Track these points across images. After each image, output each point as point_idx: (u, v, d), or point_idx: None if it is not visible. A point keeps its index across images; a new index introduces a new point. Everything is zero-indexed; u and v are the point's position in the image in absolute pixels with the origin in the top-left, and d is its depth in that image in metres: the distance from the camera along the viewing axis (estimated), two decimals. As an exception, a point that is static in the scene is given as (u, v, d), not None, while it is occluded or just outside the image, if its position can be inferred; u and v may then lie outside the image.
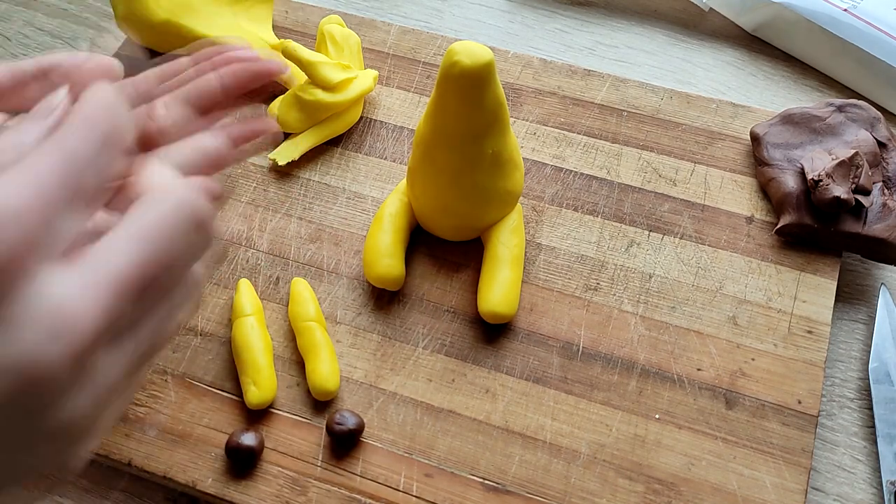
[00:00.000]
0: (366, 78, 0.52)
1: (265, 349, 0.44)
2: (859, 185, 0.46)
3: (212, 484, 0.42)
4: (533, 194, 0.50)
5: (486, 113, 0.41)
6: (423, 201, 0.46)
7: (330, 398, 0.44)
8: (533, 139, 0.52)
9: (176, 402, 0.44)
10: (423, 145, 0.44)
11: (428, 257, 0.48)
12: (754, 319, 0.46)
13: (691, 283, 0.47)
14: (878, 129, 0.49)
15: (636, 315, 0.46)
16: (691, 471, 0.41)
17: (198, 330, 0.46)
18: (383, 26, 0.58)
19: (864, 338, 0.48)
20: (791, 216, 0.47)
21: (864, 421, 0.45)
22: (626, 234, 0.49)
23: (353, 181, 0.51)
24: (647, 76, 0.59)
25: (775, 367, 0.44)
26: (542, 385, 0.44)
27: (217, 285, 0.48)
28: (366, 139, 0.53)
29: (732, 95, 0.58)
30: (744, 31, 0.61)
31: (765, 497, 0.41)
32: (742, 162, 0.51)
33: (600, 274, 0.47)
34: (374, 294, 0.47)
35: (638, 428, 0.43)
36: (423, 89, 0.55)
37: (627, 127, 0.53)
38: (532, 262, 0.48)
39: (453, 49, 0.39)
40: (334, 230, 0.49)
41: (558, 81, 0.55)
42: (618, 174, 0.51)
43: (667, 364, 0.44)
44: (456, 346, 0.45)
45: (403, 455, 0.42)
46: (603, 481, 0.41)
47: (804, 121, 0.50)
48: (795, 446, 0.42)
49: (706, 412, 0.43)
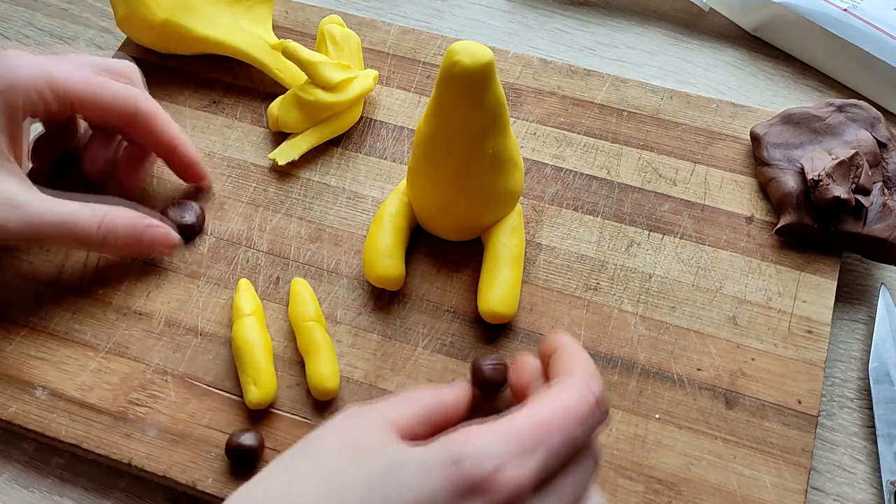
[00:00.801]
0: (366, 78, 0.52)
1: (265, 349, 0.44)
2: (859, 185, 0.46)
3: (212, 484, 0.42)
4: (533, 194, 0.50)
5: (486, 113, 0.41)
6: (423, 201, 0.46)
7: (330, 398, 0.44)
8: (533, 139, 0.52)
9: (176, 402, 0.44)
10: (423, 145, 0.44)
11: (428, 257, 0.48)
12: (754, 319, 0.46)
13: (691, 283, 0.47)
14: (878, 129, 0.49)
15: (636, 315, 0.46)
16: (691, 471, 0.42)
17: (198, 330, 0.46)
18: (383, 26, 0.58)
19: (864, 338, 0.48)
20: (791, 216, 0.47)
21: (864, 421, 0.45)
22: (626, 234, 0.49)
23: (353, 181, 0.51)
24: (647, 76, 0.59)
25: (775, 367, 0.44)
26: (542, 385, 0.44)
27: (217, 285, 0.48)
28: (366, 139, 0.53)
29: (732, 95, 0.58)
30: (744, 31, 0.61)
31: (765, 497, 0.41)
32: (742, 162, 0.51)
33: (600, 274, 0.47)
34: (374, 294, 0.47)
35: (638, 428, 0.43)
36: (423, 89, 0.55)
37: (627, 127, 0.53)
38: (532, 262, 0.48)
39: (453, 49, 0.39)
40: (334, 230, 0.49)
41: (558, 81, 0.55)
42: (618, 174, 0.51)
43: (667, 364, 0.44)
44: (456, 346, 0.45)
45: (403, 455, 0.42)
46: (603, 481, 0.41)
47: (804, 121, 0.50)
48: (795, 446, 0.42)
49: (706, 412, 0.43)
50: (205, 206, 0.50)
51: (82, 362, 0.45)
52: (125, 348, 0.46)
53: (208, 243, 0.49)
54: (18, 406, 0.44)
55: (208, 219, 0.50)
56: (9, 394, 0.45)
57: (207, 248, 0.49)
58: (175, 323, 0.47)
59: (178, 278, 0.48)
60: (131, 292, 0.48)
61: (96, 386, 0.45)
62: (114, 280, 0.48)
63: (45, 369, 0.45)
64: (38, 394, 0.45)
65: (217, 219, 0.50)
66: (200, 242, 0.49)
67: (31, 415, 0.44)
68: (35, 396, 0.44)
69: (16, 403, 0.44)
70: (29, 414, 0.44)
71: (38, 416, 0.44)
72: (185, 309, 0.47)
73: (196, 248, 0.49)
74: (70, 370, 0.45)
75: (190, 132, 0.54)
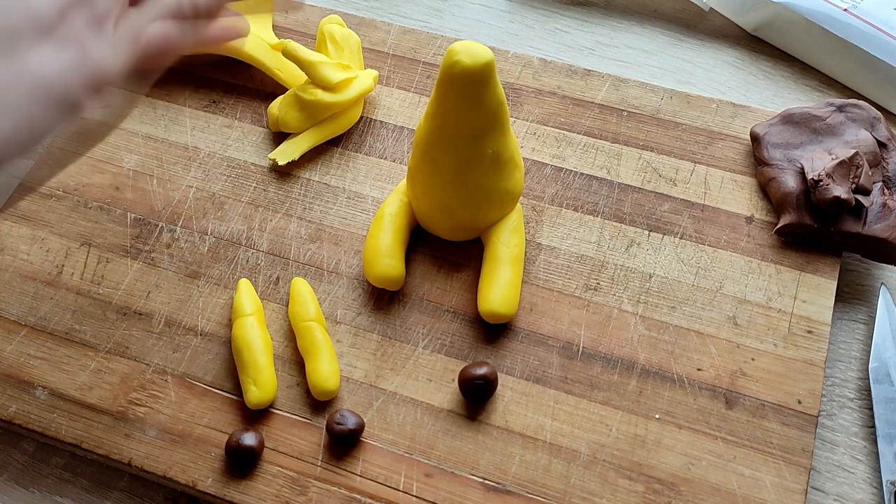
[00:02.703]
0: (366, 78, 0.52)
1: (265, 349, 0.44)
2: (859, 185, 0.46)
3: (212, 484, 0.42)
4: (533, 194, 0.50)
5: (486, 113, 0.41)
6: (423, 201, 0.46)
7: (330, 398, 0.44)
8: (533, 139, 0.52)
9: (176, 402, 0.44)
10: (423, 145, 0.44)
11: (428, 257, 0.48)
12: (754, 319, 0.46)
13: (691, 283, 0.47)
14: (878, 129, 0.49)
15: (636, 315, 0.46)
16: (691, 471, 0.42)
17: (198, 330, 0.46)
18: (383, 26, 0.58)
19: (864, 338, 0.48)
20: (791, 216, 0.47)
21: (864, 421, 0.45)
22: (626, 234, 0.49)
23: (353, 181, 0.51)
24: (647, 76, 0.59)
25: (775, 367, 0.44)
26: (542, 385, 0.44)
27: (217, 285, 0.48)
28: (366, 139, 0.53)
29: (732, 95, 0.58)
30: (744, 31, 0.61)
31: (765, 497, 0.41)
32: (742, 162, 0.51)
33: (600, 274, 0.47)
34: (374, 294, 0.47)
35: (638, 428, 0.43)
36: (423, 89, 0.55)
37: (627, 127, 0.53)
38: (532, 262, 0.48)
39: (453, 49, 0.39)
40: (334, 230, 0.49)
41: (558, 81, 0.55)
42: (618, 174, 0.51)
43: (667, 364, 0.44)
44: (456, 346, 0.45)
45: (403, 455, 0.42)
46: (603, 481, 0.41)
47: (804, 121, 0.50)
48: (795, 446, 0.42)
49: (706, 412, 0.43)
50: (205, 205, 0.50)
51: (82, 362, 0.45)
52: (125, 348, 0.46)
53: (208, 243, 0.49)
54: (18, 406, 0.44)
55: (209, 219, 0.50)
56: (9, 394, 0.45)
57: (207, 248, 0.49)
58: (175, 323, 0.47)
59: (178, 278, 0.48)
60: (131, 292, 0.48)
61: (96, 386, 0.45)
62: (114, 280, 0.48)
63: (45, 369, 0.45)
64: (38, 394, 0.45)
65: (217, 219, 0.50)
66: (201, 243, 0.49)
67: (31, 415, 0.44)
68: (35, 396, 0.44)
69: (16, 403, 0.44)
70: (29, 414, 0.44)
71: (38, 416, 0.44)
72: (185, 309, 0.47)
73: (196, 248, 0.49)
74: (70, 370, 0.45)
75: (190, 132, 0.54)
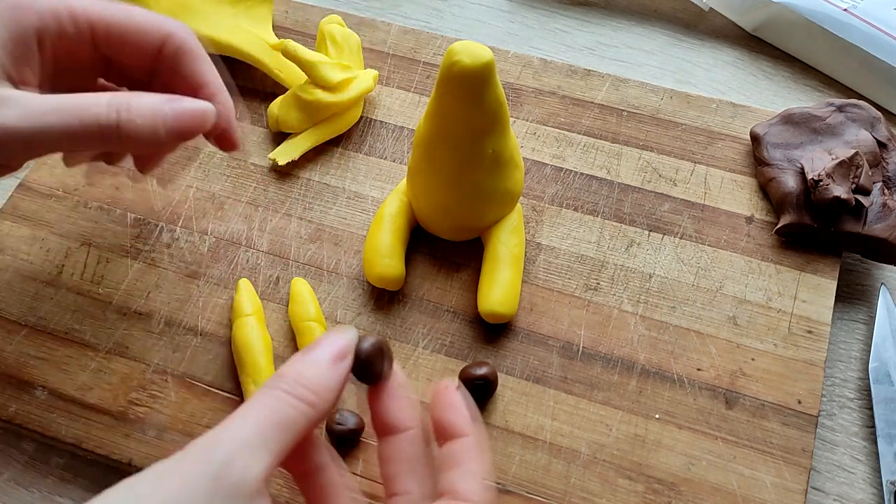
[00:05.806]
0: (366, 78, 0.52)
1: (265, 349, 0.44)
2: (859, 185, 0.46)
3: (212, 484, 0.42)
4: (533, 194, 0.50)
5: (486, 113, 0.41)
6: (423, 201, 0.46)
7: (330, 398, 0.44)
8: (533, 139, 0.52)
9: (176, 402, 0.44)
10: (423, 145, 0.44)
11: (428, 257, 0.48)
12: (754, 319, 0.46)
13: (691, 283, 0.47)
14: (878, 129, 0.49)
15: (636, 315, 0.46)
16: (691, 471, 0.42)
17: (198, 330, 0.46)
18: (383, 26, 0.58)
19: (864, 338, 0.48)
20: (791, 216, 0.47)
21: (864, 421, 0.45)
22: (626, 234, 0.49)
23: (353, 181, 0.51)
24: (647, 76, 0.59)
25: (775, 367, 0.44)
26: (542, 385, 0.44)
27: (217, 285, 0.48)
28: (366, 139, 0.53)
29: (732, 95, 0.58)
30: (744, 31, 0.61)
31: (765, 497, 0.41)
32: (742, 162, 0.51)
33: (600, 274, 0.47)
34: (374, 294, 0.47)
35: (638, 428, 0.43)
36: (423, 89, 0.55)
37: (627, 127, 0.53)
38: (532, 262, 0.48)
39: (453, 49, 0.39)
40: (334, 230, 0.49)
41: (558, 81, 0.55)
42: (618, 174, 0.51)
43: (667, 364, 0.44)
44: (456, 346, 0.45)
45: (403, 455, 0.42)
46: (603, 481, 0.41)
47: (804, 121, 0.50)
48: (795, 446, 0.42)
49: (706, 412, 0.43)
50: (205, 206, 0.50)
51: (82, 362, 0.45)
52: (125, 348, 0.46)
53: (208, 243, 0.49)
54: (18, 406, 0.44)
55: (208, 219, 0.50)
56: (9, 394, 0.45)
57: (207, 248, 0.49)
58: (175, 323, 0.47)
59: (178, 278, 0.48)
60: (131, 292, 0.48)
61: (96, 386, 0.45)
62: (114, 280, 0.48)
63: (45, 369, 0.45)
64: (38, 394, 0.45)
65: (217, 219, 0.50)
66: (201, 243, 0.49)
67: (31, 415, 0.44)
68: (35, 396, 0.44)
69: (16, 403, 0.44)
70: (29, 414, 0.44)
71: (38, 415, 0.44)
72: (185, 309, 0.47)
73: (196, 248, 0.49)
74: (70, 370, 0.45)
75: (190, 132, 0.54)
